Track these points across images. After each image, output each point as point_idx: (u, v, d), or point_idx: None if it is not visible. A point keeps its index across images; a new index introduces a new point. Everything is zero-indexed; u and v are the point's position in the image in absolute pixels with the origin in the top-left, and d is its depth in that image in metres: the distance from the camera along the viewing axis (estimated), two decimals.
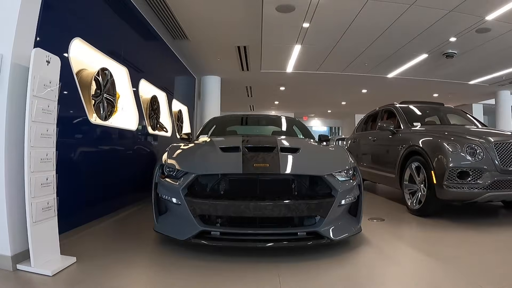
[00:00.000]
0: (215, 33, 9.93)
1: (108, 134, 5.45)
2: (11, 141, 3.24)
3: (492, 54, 11.16)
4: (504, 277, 3.13)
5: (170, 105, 9.27)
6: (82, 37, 4.57)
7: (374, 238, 4.41)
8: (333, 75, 14.50)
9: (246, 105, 24.89)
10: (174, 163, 3.98)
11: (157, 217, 4.02)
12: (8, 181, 3.22)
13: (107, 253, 3.83)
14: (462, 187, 4.97)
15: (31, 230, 3.16)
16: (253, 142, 4.58)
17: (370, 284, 3.09)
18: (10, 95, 3.22)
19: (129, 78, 6.19)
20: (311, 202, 3.64)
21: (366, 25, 9.00)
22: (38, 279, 3.06)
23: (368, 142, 8.42)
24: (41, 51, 3.31)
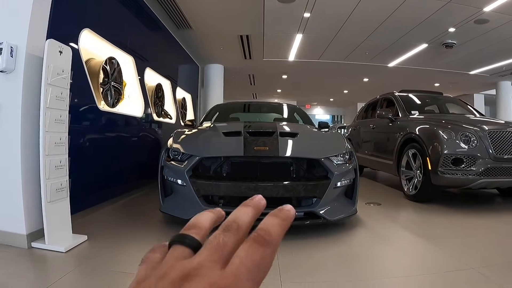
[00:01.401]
0: (218, 23, 10.02)
1: (115, 120, 5.64)
2: (26, 127, 3.44)
3: (492, 45, 11.19)
4: (492, 258, 3.29)
5: (174, 93, 9.43)
6: (91, 28, 4.75)
7: (370, 220, 4.60)
8: (334, 64, 14.55)
9: (249, 93, 24.88)
10: (179, 147, 4.16)
11: (163, 198, 4.21)
12: (24, 165, 3.43)
13: (115, 232, 4.05)
14: (456, 173, 5.12)
15: (45, 210, 3.37)
16: (254, 127, 4.75)
17: (363, 261, 3.29)
18: (25, 84, 3.42)
19: (135, 66, 6.35)
20: (308, 183, 3.85)
21: (366, 15, 9.07)
22: (52, 255, 3.27)
23: (368, 129, 8.55)
24: (54, 42, 3.50)
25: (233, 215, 0.43)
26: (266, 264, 0.37)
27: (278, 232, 0.40)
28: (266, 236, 0.38)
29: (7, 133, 3.44)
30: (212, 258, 0.36)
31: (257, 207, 0.46)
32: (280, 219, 0.42)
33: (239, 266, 0.35)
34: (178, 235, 0.42)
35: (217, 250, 0.37)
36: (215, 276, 0.34)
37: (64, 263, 3.13)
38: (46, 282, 2.70)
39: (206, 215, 0.46)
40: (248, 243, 0.38)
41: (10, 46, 3.33)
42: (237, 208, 0.45)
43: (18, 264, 3.08)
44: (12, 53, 3.36)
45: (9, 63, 3.33)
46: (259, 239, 0.38)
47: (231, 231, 0.40)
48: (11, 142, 3.42)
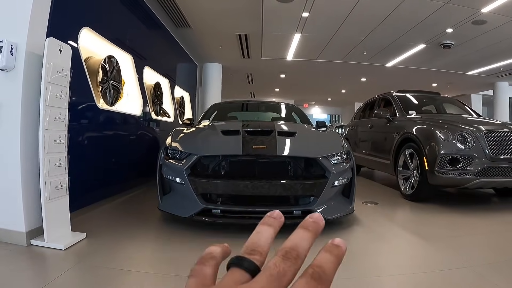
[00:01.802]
0: (217, 22, 10.04)
1: (114, 119, 5.66)
2: (26, 125, 3.45)
3: (489, 45, 11.22)
4: (488, 257, 3.34)
5: (173, 91, 9.44)
6: (90, 26, 4.76)
7: (367, 219, 4.63)
8: (332, 64, 14.58)
9: (247, 92, 24.90)
10: (177, 145, 4.19)
11: (162, 197, 4.24)
12: (24, 163, 3.45)
13: (114, 229, 4.07)
14: (453, 173, 5.15)
15: (45, 207, 3.39)
16: (252, 126, 4.76)
17: (360, 259, 3.31)
18: (25, 82, 3.43)
19: (133, 65, 6.37)
20: (306, 182, 3.88)
21: (364, 15, 9.09)
22: (51, 252, 3.29)
23: (366, 129, 8.57)
24: (54, 41, 3.51)
25: (293, 240, 0.44)
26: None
27: (332, 270, 0.41)
28: (322, 274, 0.39)
29: (7, 131, 3.44)
30: (270, 286, 0.37)
31: (317, 230, 0.47)
32: (335, 257, 0.43)
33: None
34: (238, 258, 0.42)
35: (277, 279, 0.38)
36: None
37: (63, 260, 3.15)
38: (46, 279, 2.71)
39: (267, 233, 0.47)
40: (306, 279, 0.38)
41: (10, 44, 3.34)
42: (296, 232, 0.46)
43: (18, 262, 3.09)
44: (12, 51, 3.37)
45: (9, 61, 3.34)
46: (316, 276, 0.39)
47: (290, 259, 0.41)
48: (11, 140, 3.43)
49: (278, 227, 0.48)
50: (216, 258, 0.44)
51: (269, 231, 0.47)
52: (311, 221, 0.47)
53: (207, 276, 0.42)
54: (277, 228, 0.48)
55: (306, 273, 0.39)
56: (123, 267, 2.98)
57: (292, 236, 0.44)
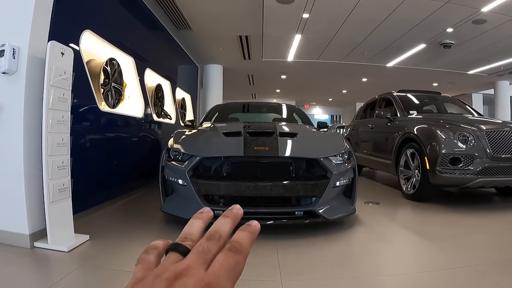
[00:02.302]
0: (218, 23, 10.05)
1: (116, 121, 5.67)
2: (29, 128, 3.48)
3: (489, 45, 11.22)
4: (489, 256, 3.33)
5: (174, 93, 9.45)
6: (91, 29, 4.78)
7: (368, 219, 4.64)
8: (333, 64, 14.57)
9: (248, 93, 24.89)
10: (179, 147, 4.20)
11: (164, 198, 4.26)
12: (27, 165, 3.47)
13: (117, 231, 4.09)
14: (454, 172, 5.15)
15: (48, 210, 3.40)
16: (254, 127, 4.79)
17: (362, 259, 3.34)
18: (27, 85, 3.45)
19: (135, 67, 6.38)
20: (307, 183, 3.90)
21: (365, 15, 9.11)
22: (55, 254, 3.31)
23: (367, 129, 8.57)
24: (56, 44, 3.53)
25: (215, 225, 0.53)
26: (239, 267, 0.46)
27: (247, 243, 0.49)
28: (238, 246, 0.47)
29: (10, 134, 3.47)
30: (198, 261, 0.45)
31: (235, 218, 0.55)
32: (249, 232, 0.51)
33: (219, 268, 0.44)
34: (173, 244, 0.50)
35: (202, 255, 0.46)
36: (201, 275, 0.43)
37: (66, 262, 3.16)
38: (49, 281, 2.73)
39: (197, 225, 0.55)
40: (225, 251, 0.47)
41: (12, 48, 3.36)
42: (219, 219, 0.54)
43: (21, 264, 3.11)
44: (14, 54, 3.39)
45: (11, 65, 3.36)
46: (233, 249, 0.47)
47: (213, 240, 0.49)
48: (14, 143, 3.45)
49: (207, 220, 0.57)
50: (158, 249, 0.52)
51: (199, 223, 0.55)
52: (231, 211, 0.56)
53: (151, 262, 0.50)
54: (206, 221, 0.57)
55: (225, 248, 0.48)
56: (126, 268, 2.99)
57: (215, 223, 0.53)
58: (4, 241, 3.46)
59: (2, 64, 3.32)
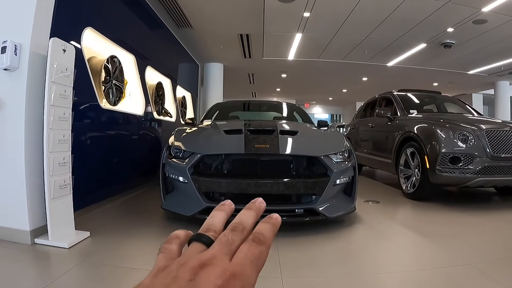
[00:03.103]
0: (218, 22, 10.05)
1: (116, 118, 5.69)
2: (30, 124, 3.48)
3: (490, 45, 11.22)
4: (489, 254, 3.35)
5: (175, 91, 9.46)
6: (93, 27, 4.79)
7: (368, 218, 4.65)
8: (334, 63, 14.57)
9: (249, 92, 24.87)
10: (180, 144, 4.21)
11: (165, 195, 4.26)
12: (28, 162, 3.48)
13: (118, 228, 4.10)
14: (454, 171, 5.16)
15: (49, 206, 3.41)
16: (254, 125, 4.79)
17: (361, 256, 3.36)
18: (29, 81, 3.46)
19: (136, 65, 6.39)
20: (308, 180, 3.91)
21: (365, 15, 9.10)
22: (55, 251, 3.32)
23: (367, 128, 8.59)
24: (58, 41, 3.54)
25: (239, 217, 0.53)
26: (263, 257, 0.47)
27: (270, 235, 0.51)
28: (261, 238, 0.49)
29: (11, 131, 3.48)
30: (222, 251, 0.46)
31: (259, 210, 0.56)
32: (271, 225, 0.53)
33: (243, 258, 0.45)
34: (197, 234, 0.51)
35: (227, 245, 0.47)
36: (226, 265, 0.43)
37: (67, 258, 3.17)
38: (50, 277, 2.74)
39: (219, 217, 0.56)
40: (249, 242, 0.48)
41: (14, 45, 3.37)
42: (242, 211, 0.55)
43: (22, 260, 3.13)
44: (16, 51, 3.40)
45: (13, 61, 3.37)
46: (256, 240, 0.48)
47: (237, 231, 0.50)
48: (15, 140, 3.46)
49: (229, 212, 0.58)
50: (180, 238, 0.53)
51: (221, 215, 0.56)
52: (255, 203, 0.57)
53: (173, 251, 0.50)
54: (228, 213, 0.58)
55: (248, 239, 0.49)
56: (127, 264, 3.01)
57: (238, 215, 0.54)
58: (5, 238, 3.47)
59: (4, 60, 3.33)
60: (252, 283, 0.43)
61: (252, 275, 0.44)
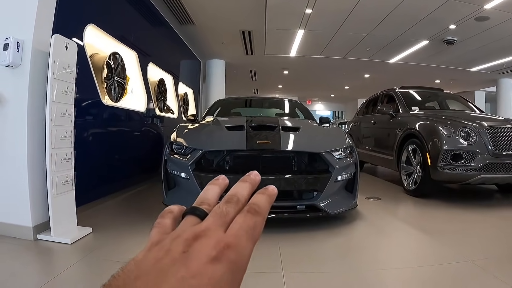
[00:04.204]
0: (220, 18, 10.05)
1: (118, 115, 5.70)
2: (33, 121, 3.50)
3: (492, 42, 11.19)
4: (490, 251, 3.36)
5: (177, 88, 9.47)
6: (95, 23, 4.79)
7: (370, 214, 4.66)
8: (336, 60, 14.55)
9: (250, 89, 24.86)
10: (182, 141, 4.22)
11: (166, 192, 4.26)
12: (30, 158, 3.49)
13: (119, 224, 4.13)
14: (456, 168, 5.16)
15: (51, 202, 3.43)
16: (256, 121, 4.79)
17: (362, 253, 3.36)
18: (31, 78, 3.47)
19: (138, 62, 6.40)
20: (309, 177, 3.92)
21: (368, 11, 9.09)
22: (58, 246, 3.34)
23: (369, 125, 8.59)
24: (60, 37, 3.55)
25: (233, 189, 0.53)
26: (258, 228, 0.46)
27: (265, 206, 0.49)
28: (257, 208, 0.48)
29: (14, 127, 3.49)
30: (217, 223, 0.45)
31: (254, 182, 0.56)
32: (267, 196, 0.51)
33: (238, 229, 0.44)
34: (191, 208, 0.50)
35: (221, 217, 0.46)
36: (220, 236, 0.43)
37: (69, 254, 3.20)
38: (53, 273, 2.76)
39: (213, 190, 0.56)
40: (244, 213, 0.47)
41: (16, 41, 3.38)
42: (237, 183, 0.54)
43: (25, 256, 3.14)
44: (19, 48, 3.41)
45: (15, 58, 3.38)
46: (252, 210, 0.47)
47: (232, 203, 0.49)
48: (17, 136, 3.48)
49: (223, 187, 0.58)
50: (174, 213, 0.53)
51: (215, 188, 0.56)
52: (250, 176, 0.57)
53: (166, 225, 0.50)
54: (222, 188, 0.57)
55: (244, 210, 0.48)
56: (128, 260, 3.02)
57: (233, 187, 0.53)
58: (8, 234, 3.49)
59: (6, 57, 3.35)
60: (247, 254, 0.43)
61: (248, 246, 0.44)
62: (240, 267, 0.42)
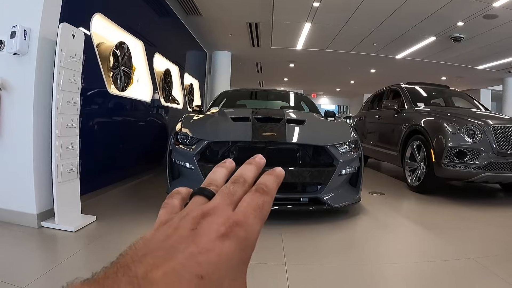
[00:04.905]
0: (228, 10, 10.03)
1: (124, 104, 5.72)
2: (38, 109, 3.52)
3: (500, 40, 11.13)
4: (491, 249, 3.37)
5: (182, 78, 9.47)
6: (102, 12, 4.79)
7: (373, 209, 4.68)
8: (342, 54, 14.52)
9: (256, 81, 24.84)
10: (187, 131, 4.23)
11: (171, 181, 4.28)
12: (36, 146, 3.51)
13: (123, 212, 4.16)
14: (460, 166, 5.16)
15: (56, 190, 3.45)
16: (262, 113, 4.80)
17: (365, 247, 3.39)
18: (38, 66, 3.48)
19: (144, 51, 6.40)
20: (314, 170, 3.93)
21: (375, 6, 9.06)
22: (62, 234, 3.36)
23: (374, 120, 8.58)
24: (67, 26, 3.56)
25: (239, 171, 0.52)
26: (266, 207, 0.45)
27: (273, 186, 0.49)
28: (265, 188, 0.47)
29: (20, 115, 3.51)
30: (225, 202, 0.45)
31: (259, 165, 0.55)
32: (274, 176, 0.51)
33: (246, 207, 0.44)
34: (199, 189, 0.50)
35: (229, 196, 0.46)
36: (229, 214, 0.42)
37: (73, 242, 3.23)
38: (56, 260, 2.79)
39: (220, 172, 0.56)
40: (252, 192, 0.47)
41: (23, 29, 3.39)
42: (242, 166, 0.54)
43: (29, 243, 3.17)
44: (26, 36, 3.42)
45: (22, 46, 3.39)
46: (260, 190, 0.47)
47: (239, 183, 0.49)
48: (23, 124, 3.50)
49: (230, 170, 0.57)
50: (182, 194, 0.53)
51: (222, 170, 0.56)
52: (254, 159, 0.56)
53: (175, 205, 0.51)
54: (229, 170, 0.57)
55: (252, 189, 0.47)
56: None
57: (239, 169, 0.53)
58: (12, 221, 3.52)
59: (13, 45, 3.37)
60: (256, 232, 0.43)
61: (256, 224, 0.43)
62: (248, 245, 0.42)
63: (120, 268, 0.34)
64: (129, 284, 0.31)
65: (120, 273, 0.33)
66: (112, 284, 0.31)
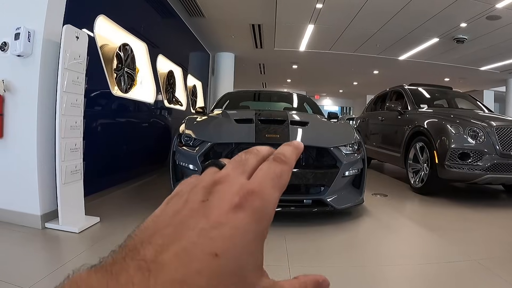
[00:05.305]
0: (231, 11, 10.05)
1: (128, 106, 5.72)
2: (42, 110, 3.53)
3: (503, 41, 11.11)
4: (494, 251, 3.36)
5: (185, 80, 9.48)
6: (105, 14, 4.81)
7: (376, 210, 4.67)
8: (345, 55, 14.53)
9: (259, 82, 24.85)
10: (191, 132, 4.24)
11: (174, 183, 4.27)
12: (40, 147, 3.53)
13: (127, 214, 4.17)
14: (463, 167, 5.15)
15: (60, 191, 3.46)
16: (265, 115, 4.79)
17: (368, 248, 3.38)
18: (42, 68, 3.50)
19: (148, 53, 6.41)
20: (317, 171, 3.94)
21: (378, 7, 9.06)
22: (65, 235, 3.37)
23: (377, 122, 8.55)
24: (71, 28, 3.57)
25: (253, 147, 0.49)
26: (284, 176, 0.42)
27: (292, 156, 0.45)
28: (283, 157, 0.43)
29: (24, 116, 3.53)
30: (237, 170, 0.41)
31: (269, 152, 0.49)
32: (293, 147, 0.47)
33: (263, 175, 0.40)
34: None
35: (241, 164, 0.43)
36: (242, 182, 0.39)
37: (77, 243, 3.24)
38: (60, 261, 2.80)
39: None
40: (269, 161, 0.43)
41: (27, 31, 3.41)
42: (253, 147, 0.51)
43: (32, 244, 3.18)
44: (30, 38, 3.44)
45: (26, 48, 3.41)
46: (278, 159, 0.43)
47: (252, 154, 0.45)
48: (27, 125, 3.51)
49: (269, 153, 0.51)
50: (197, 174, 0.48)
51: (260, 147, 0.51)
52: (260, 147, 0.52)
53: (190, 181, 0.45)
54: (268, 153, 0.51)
55: (269, 158, 0.44)
56: None
57: None
58: (16, 222, 3.53)
59: (17, 47, 3.38)
60: (273, 202, 0.39)
61: (274, 194, 0.40)
62: (265, 216, 0.38)
63: (128, 252, 0.33)
64: (138, 269, 0.30)
65: (129, 258, 0.32)
66: (120, 270, 0.30)
